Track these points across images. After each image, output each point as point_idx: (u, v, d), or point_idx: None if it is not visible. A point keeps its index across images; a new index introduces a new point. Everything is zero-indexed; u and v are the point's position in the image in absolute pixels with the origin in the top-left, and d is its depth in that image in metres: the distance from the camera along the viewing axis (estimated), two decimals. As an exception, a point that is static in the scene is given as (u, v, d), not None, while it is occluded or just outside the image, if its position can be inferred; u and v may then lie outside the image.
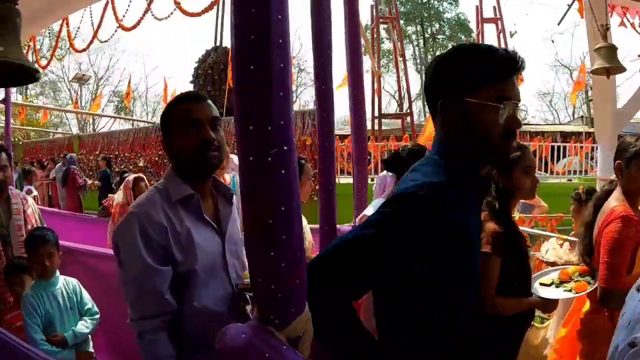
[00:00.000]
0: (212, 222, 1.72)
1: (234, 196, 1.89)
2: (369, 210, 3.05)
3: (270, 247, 1.04)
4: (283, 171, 1.01)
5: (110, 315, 3.13)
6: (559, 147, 14.55)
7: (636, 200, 2.37)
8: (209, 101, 1.75)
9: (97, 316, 3.01)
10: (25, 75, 2.16)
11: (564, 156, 14.55)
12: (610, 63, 4.65)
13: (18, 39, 2.02)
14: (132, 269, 1.57)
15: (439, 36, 37.00)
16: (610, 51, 4.69)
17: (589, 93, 22.32)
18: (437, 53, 32.41)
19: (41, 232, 2.92)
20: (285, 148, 1.01)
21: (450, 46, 33.74)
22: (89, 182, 11.68)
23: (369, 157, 13.31)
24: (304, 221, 3.20)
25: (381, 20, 17.58)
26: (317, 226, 2.66)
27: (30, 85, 33.83)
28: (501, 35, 16.54)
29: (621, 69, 4.79)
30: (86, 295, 3.01)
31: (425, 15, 36.74)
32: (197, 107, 1.68)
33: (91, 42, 5.74)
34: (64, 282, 2.95)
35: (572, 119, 34.74)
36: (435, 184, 1.25)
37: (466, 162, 1.34)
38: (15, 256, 3.13)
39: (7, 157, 3.17)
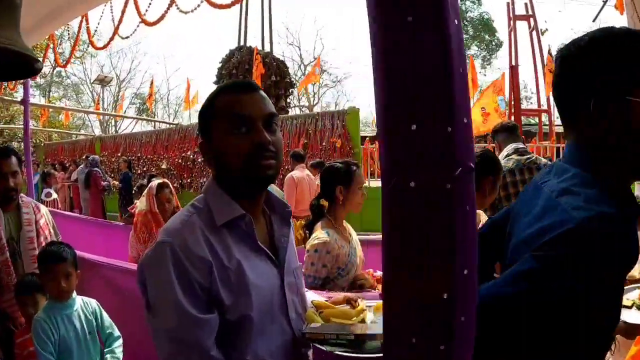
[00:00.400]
0: (267, 250, 1.32)
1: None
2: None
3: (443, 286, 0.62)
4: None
5: (133, 337, 2.77)
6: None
7: None
8: (263, 92, 1.33)
9: (121, 341, 2.64)
10: (23, 66, 1.73)
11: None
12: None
13: (14, 21, 1.59)
14: (166, 319, 1.17)
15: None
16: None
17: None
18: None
19: (57, 249, 2.53)
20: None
21: (474, 46, 33.49)
22: (112, 182, 11.35)
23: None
24: (353, 234, 2.82)
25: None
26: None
27: (53, 88, 34.36)
28: (533, 32, 15.97)
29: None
30: (107, 319, 2.63)
31: (448, 14, 36.03)
32: (247, 100, 1.27)
33: (112, 38, 5.39)
34: (82, 304, 2.57)
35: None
36: (611, 215, 0.92)
37: (622, 178, 1.05)
38: (26, 273, 2.75)
39: (17, 161, 2.77)
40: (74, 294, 2.55)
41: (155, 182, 4.09)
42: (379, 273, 3.12)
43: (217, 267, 1.19)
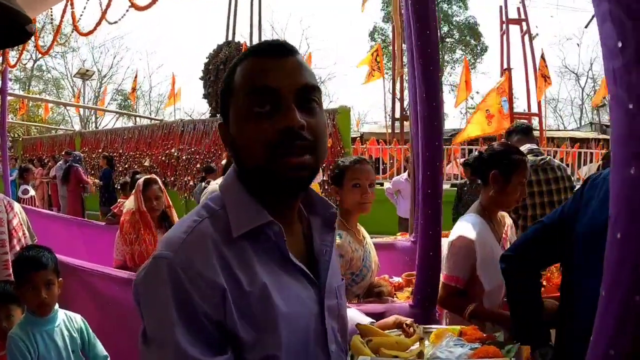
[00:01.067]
0: (303, 266, 0.98)
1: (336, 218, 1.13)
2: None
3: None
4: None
5: (121, 352, 2.46)
6: (584, 153, 14.05)
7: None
8: (300, 57, 0.97)
9: (108, 362, 2.32)
10: (14, 30, 1.43)
11: (585, 163, 14.07)
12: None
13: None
14: (162, 352, 0.84)
15: (448, 39, 36.28)
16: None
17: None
18: (446, 57, 32.89)
19: (36, 254, 2.19)
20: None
21: (459, 50, 33.80)
22: (92, 181, 10.92)
23: (392, 161, 12.82)
24: (367, 237, 2.56)
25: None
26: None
27: (32, 82, 33.65)
28: (525, 37, 15.95)
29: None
30: (94, 337, 2.31)
31: (434, 17, 36.25)
32: (274, 67, 0.92)
33: (99, 23, 5.01)
34: (66, 319, 2.24)
35: (579, 125, 34.87)
36: None
37: None
38: (-1, 281, 2.42)
39: None
40: (56, 307, 2.22)
41: (142, 178, 3.72)
42: (397, 279, 2.87)
43: (233, 294, 0.87)
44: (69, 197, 10.67)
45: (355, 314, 1.38)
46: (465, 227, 2.16)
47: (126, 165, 14.11)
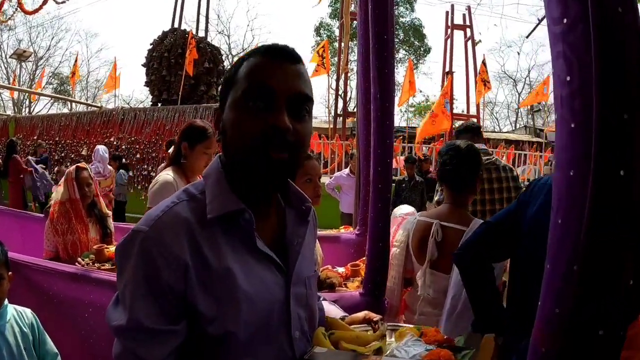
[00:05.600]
0: (272, 253, 1.06)
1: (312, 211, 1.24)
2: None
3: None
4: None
5: (67, 350, 2.43)
6: (519, 154, 14.53)
7: None
8: (302, 67, 1.06)
9: (59, 358, 2.29)
10: None
11: (519, 164, 14.59)
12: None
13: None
14: (117, 315, 0.98)
15: (392, 39, 36.89)
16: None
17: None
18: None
19: (-15, 248, 2.14)
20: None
21: (402, 50, 34.24)
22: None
23: (333, 156, 12.93)
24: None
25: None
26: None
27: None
28: (469, 42, 16.43)
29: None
30: (43, 331, 2.27)
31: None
32: (276, 68, 1.01)
33: (45, 1, 4.79)
34: (16, 314, 2.19)
35: (514, 128, 36.35)
36: None
37: None
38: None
39: None
40: (6, 302, 2.17)
41: (72, 167, 3.66)
42: (340, 269, 2.95)
43: (195, 269, 0.96)
44: (10, 189, 10.16)
45: (331, 308, 1.47)
46: None
47: (62, 154, 13.60)
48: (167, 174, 2.81)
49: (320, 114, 30.95)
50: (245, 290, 0.99)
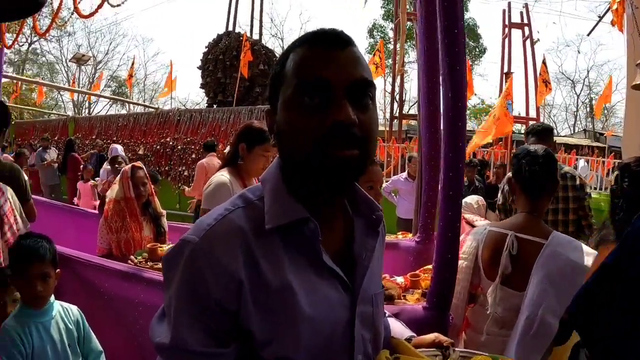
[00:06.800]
0: (337, 269, 0.92)
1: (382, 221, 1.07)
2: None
3: None
4: None
5: (114, 348, 2.38)
6: (582, 160, 13.91)
7: None
8: (356, 49, 0.91)
9: (103, 358, 2.23)
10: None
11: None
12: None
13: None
14: (161, 331, 0.86)
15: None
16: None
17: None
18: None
19: (34, 244, 2.09)
20: None
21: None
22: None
23: (389, 159, 12.70)
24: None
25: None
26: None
27: (27, 66, 33.21)
28: (527, 42, 15.86)
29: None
30: (89, 329, 2.21)
31: (434, 18, 36.21)
32: (327, 57, 0.86)
33: (100, 5, 4.88)
34: (62, 310, 2.15)
35: (572, 131, 35.05)
36: None
37: None
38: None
39: None
40: (52, 299, 2.13)
41: (127, 166, 3.71)
42: (399, 279, 2.78)
43: (251, 286, 0.84)
44: (68, 184, 10.47)
45: (396, 325, 1.30)
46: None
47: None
48: (222, 175, 2.71)
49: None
50: (306, 311, 0.86)
